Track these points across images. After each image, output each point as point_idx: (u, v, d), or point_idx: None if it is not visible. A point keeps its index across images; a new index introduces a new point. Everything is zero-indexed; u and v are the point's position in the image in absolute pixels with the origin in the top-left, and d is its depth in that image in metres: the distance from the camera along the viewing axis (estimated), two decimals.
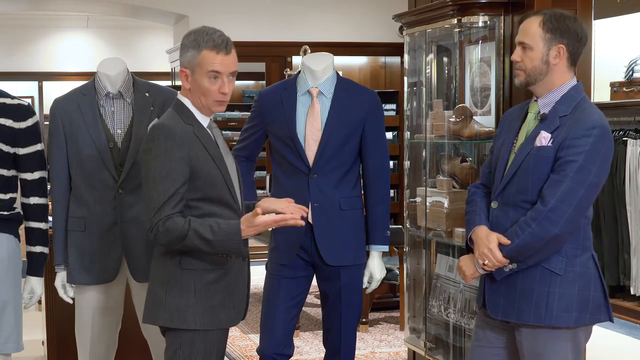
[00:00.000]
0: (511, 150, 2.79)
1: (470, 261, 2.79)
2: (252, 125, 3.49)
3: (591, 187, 2.63)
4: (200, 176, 2.60)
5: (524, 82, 2.76)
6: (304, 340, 5.65)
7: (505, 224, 2.73)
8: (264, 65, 7.82)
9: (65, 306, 3.57)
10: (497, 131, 2.98)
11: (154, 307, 2.68)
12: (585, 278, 2.69)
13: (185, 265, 2.63)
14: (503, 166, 2.78)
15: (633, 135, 5.73)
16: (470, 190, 2.95)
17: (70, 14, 10.48)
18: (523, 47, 2.73)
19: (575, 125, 2.64)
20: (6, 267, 3.18)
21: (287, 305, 3.40)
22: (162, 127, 2.57)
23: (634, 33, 6.66)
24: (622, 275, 5.88)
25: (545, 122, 2.70)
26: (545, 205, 2.61)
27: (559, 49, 2.69)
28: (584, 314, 2.69)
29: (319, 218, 3.34)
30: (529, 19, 2.74)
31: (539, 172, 2.66)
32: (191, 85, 2.65)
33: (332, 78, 3.41)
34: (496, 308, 2.76)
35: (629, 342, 5.77)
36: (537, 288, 2.68)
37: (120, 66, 3.36)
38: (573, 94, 2.72)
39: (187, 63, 2.63)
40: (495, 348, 2.86)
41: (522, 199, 2.70)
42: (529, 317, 2.69)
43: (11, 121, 3.17)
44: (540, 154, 2.66)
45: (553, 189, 2.61)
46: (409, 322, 4.43)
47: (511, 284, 2.72)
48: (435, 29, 4.05)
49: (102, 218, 3.32)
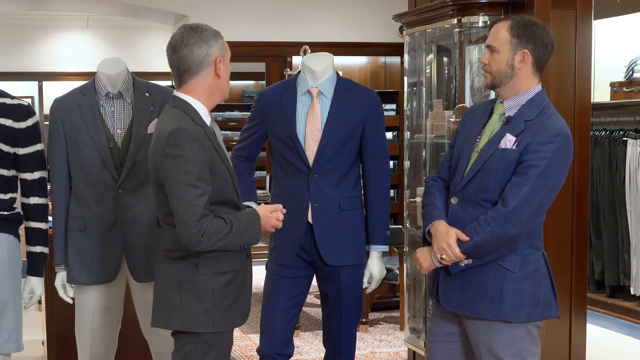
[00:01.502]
0: (473, 148, 2.84)
1: (428, 253, 2.86)
2: (252, 125, 3.49)
3: (551, 191, 2.73)
4: (217, 179, 2.60)
5: (489, 84, 2.84)
6: (304, 340, 5.65)
7: (464, 219, 2.79)
8: (264, 65, 7.82)
9: (65, 306, 3.57)
10: (459, 126, 3.02)
11: (166, 311, 2.66)
12: (536, 276, 2.79)
13: (202, 269, 2.62)
14: (465, 163, 2.84)
15: (633, 135, 5.73)
16: (428, 183, 3.01)
17: (70, 14, 10.48)
18: (491, 50, 2.80)
19: (540, 131, 2.71)
20: (6, 267, 3.18)
21: (287, 305, 3.40)
22: (185, 132, 2.54)
23: (634, 33, 6.67)
24: (622, 275, 5.89)
25: (510, 125, 2.77)
26: (507, 207, 2.68)
27: (523, 54, 2.76)
28: (536, 310, 2.78)
29: (319, 218, 3.34)
30: (499, 24, 2.82)
31: (502, 173, 2.73)
32: (222, 72, 2.69)
33: (332, 78, 3.41)
34: (450, 300, 2.84)
35: (629, 342, 5.77)
36: (492, 284, 2.76)
37: (120, 66, 3.36)
38: (538, 100, 2.80)
39: (219, 51, 2.67)
40: (451, 342, 2.93)
41: (482, 197, 2.77)
42: (483, 311, 2.77)
43: (11, 121, 3.17)
44: (504, 155, 2.73)
45: (515, 191, 2.69)
46: (409, 322, 4.43)
47: (466, 278, 2.80)
48: (435, 29, 4.05)
49: (102, 218, 3.31)
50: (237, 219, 2.60)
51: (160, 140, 2.57)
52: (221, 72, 2.68)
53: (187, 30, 2.65)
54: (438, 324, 2.96)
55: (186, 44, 2.63)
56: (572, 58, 3.70)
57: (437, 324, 2.97)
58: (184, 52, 2.63)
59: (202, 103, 2.68)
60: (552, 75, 3.61)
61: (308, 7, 7.92)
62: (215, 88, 2.70)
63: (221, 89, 2.72)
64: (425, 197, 2.99)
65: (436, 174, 3.05)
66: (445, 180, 2.97)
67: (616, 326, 6.03)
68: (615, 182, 5.89)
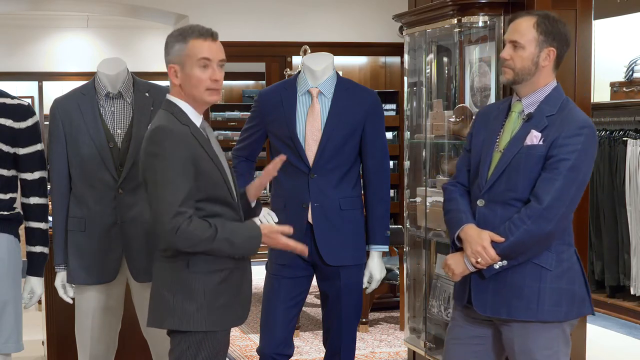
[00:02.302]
0: (494, 148, 2.81)
1: (460, 259, 2.81)
2: (252, 125, 3.49)
3: (582, 185, 2.71)
4: (202, 176, 2.59)
5: (511, 80, 2.81)
6: (304, 340, 5.65)
7: (494, 221, 2.76)
8: (264, 65, 7.81)
9: (65, 306, 3.57)
10: (472, 129, 3.00)
11: (160, 310, 2.66)
12: (571, 273, 2.76)
13: (193, 268, 2.61)
14: (487, 164, 2.81)
15: (633, 135, 5.73)
16: (447, 189, 2.97)
17: (70, 14, 10.47)
18: (514, 45, 2.77)
19: (565, 124, 2.69)
20: (6, 267, 3.18)
21: (287, 305, 3.40)
22: (163, 129, 2.55)
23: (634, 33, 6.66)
24: (622, 275, 5.88)
25: (532, 122, 2.75)
26: (541, 203, 2.65)
27: (549, 52, 2.75)
28: (572, 307, 2.76)
29: (319, 218, 3.34)
30: (522, 19, 2.78)
31: (530, 170, 2.71)
32: (181, 81, 2.63)
33: (332, 78, 3.41)
34: (484, 305, 2.80)
35: (629, 342, 5.77)
36: (528, 284, 2.73)
37: (120, 66, 3.36)
38: (556, 95, 2.79)
39: (175, 58, 2.62)
40: (476, 345, 2.89)
41: (511, 197, 2.74)
42: (519, 312, 2.74)
43: (11, 121, 3.17)
44: (531, 152, 2.71)
45: (547, 187, 2.66)
46: (409, 322, 4.43)
47: (500, 280, 2.76)
48: (435, 29, 4.05)
49: (102, 218, 3.31)
50: (229, 229, 2.58)
51: (145, 140, 2.60)
52: (179, 80, 2.63)
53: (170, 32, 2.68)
54: (463, 327, 2.92)
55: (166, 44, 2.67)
56: (572, 58, 3.70)
57: (461, 327, 2.92)
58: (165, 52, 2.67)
59: (186, 102, 2.66)
60: None
61: (308, 7, 7.92)
62: (187, 93, 2.65)
63: (192, 95, 2.64)
64: (447, 203, 2.93)
65: (453, 179, 3.00)
66: (464, 185, 2.93)
67: (616, 326, 6.03)
68: (615, 182, 5.88)
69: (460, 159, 3.02)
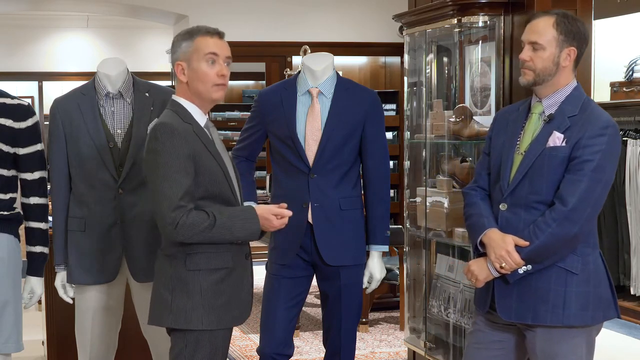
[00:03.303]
0: (515, 150, 2.77)
1: (484, 264, 2.75)
2: (252, 125, 3.49)
3: (606, 186, 2.66)
4: (203, 173, 2.61)
5: (531, 81, 2.75)
6: (304, 340, 5.65)
7: (517, 225, 2.71)
8: (264, 65, 7.82)
9: (65, 306, 3.57)
10: (490, 132, 2.95)
11: (159, 308, 2.68)
12: (597, 276, 2.71)
13: (190, 266, 2.63)
14: (508, 168, 2.76)
15: (633, 135, 5.72)
16: (468, 193, 2.92)
17: (70, 14, 10.48)
18: (534, 47, 2.71)
19: (588, 125, 2.64)
20: (6, 267, 3.18)
21: (287, 305, 3.39)
22: (164, 125, 2.58)
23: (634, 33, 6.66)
24: (622, 275, 5.88)
25: (554, 123, 2.70)
26: (566, 205, 2.60)
27: (569, 51, 2.71)
28: (598, 311, 2.70)
29: (319, 218, 3.34)
30: (541, 19, 2.73)
31: (554, 172, 2.66)
32: (188, 77, 2.66)
33: (332, 78, 3.41)
34: (508, 311, 2.74)
35: (629, 342, 5.77)
36: (554, 288, 2.67)
37: (121, 66, 3.36)
38: (576, 94, 2.74)
39: (181, 55, 2.66)
40: (496, 349, 2.85)
41: (535, 199, 2.69)
42: (546, 317, 2.68)
43: (11, 121, 3.17)
44: (555, 154, 2.66)
45: (572, 188, 2.61)
46: (409, 322, 4.43)
47: (524, 285, 2.71)
48: (435, 29, 4.05)
49: (102, 218, 3.31)
50: (226, 214, 2.59)
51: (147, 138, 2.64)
52: (187, 76, 2.66)
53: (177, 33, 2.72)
54: (484, 332, 2.87)
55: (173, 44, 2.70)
56: None
57: (483, 332, 2.88)
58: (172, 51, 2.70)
59: (191, 100, 2.69)
60: None
61: (308, 7, 7.92)
62: (194, 90, 2.67)
63: (198, 91, 2.67)
64: (468, 208, 2.88)
65: (473, 183, 2.95)
66: (485, 189, 2.88)
67: (616, 326, 6.03)
68: (615, 182, 5.85)
69: (479, 163, 2.97)
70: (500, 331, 2.84)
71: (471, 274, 2.80)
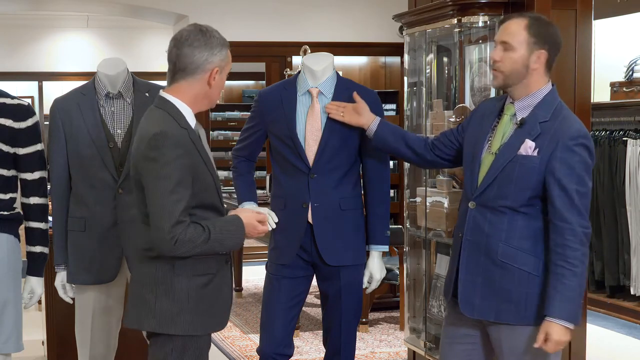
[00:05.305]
0: (485, 148, 2.82)
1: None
2: (252, 125, 3.49)
3: (589, 194, 2.71)
4: (198, 183, 2.57)
5: (501, 84, 2.80)
6: (304, 340, 5.65)
7: (483, 226, 2.77)
8: (264, 65, 7.82)
9: (65, 306, 3.57)
10: (467, 120, 3.01)
11: (140, 311, 2.62)
12: None
13: (178, 270, 2.58)
14: (478, 166, 2.82)
15: (633, 135, 5.73)
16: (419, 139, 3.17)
17: (70, 14, 10.48)
18: (505, 47, 2.74)
19: (560, 135, 2.67)
20: (6, 267, 3.18)
21: (287, 305, 3.39)
22: (165, 135, 2.50)
23: (634, 33, 6.67)
24: (622, 275, 5.89)
25: (525, 128, 2.73)
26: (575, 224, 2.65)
27: (540, 54, 2.73)
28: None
29: (319, 218, 3.34)
30: (513, 20, 2.76)
31: (524, 180, 2.70)
32: (214, 84, 2.63)
33: (332, 78, 3.41)
34: (471, 307, 2.81)
35: (629, 342, 5.77)
36: (516, 289, 2.73)
37: (120, 66, 3.36)
38: (550, 99, 2.76)
39: (220, 62, 2.62)
40: (467, 344, 2.90)
41: (501, 204, 2.74)
42: (509, 316, 2.75)
43: (11, 121, 3.17)
44: (526, 162, 2.70)
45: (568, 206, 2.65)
46: (409, 322, 4.43)
47: (488, 285, 2.77)
48: (435, 29, 4.05)
49: (102, 218, 3.32)
50: (218, 227, 2.56)
51: (143, 142, 2.53)
52: (214, 83, 2.63)
53: (196, 30, 2.60)
54: (454, 326, 2.93)
55: (190, 43, 2.58)
56: (572, 58, 3.70)
57: (453, 325, 2.93)
58: (185, 50, 2.58)
59: (188, 106, 2.63)
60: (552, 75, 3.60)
61: (308, 7, 7.92)
62: (203, 95, 2.64)
63: (209, 97, 2.67)
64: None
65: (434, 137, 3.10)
66: (429, 143, 3.08)
67: (616, 326, 6.03)
68: (615, 182, 5.88)
69: (447, 131, 3.09)
70: (467, 327, 2.89)
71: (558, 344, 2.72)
